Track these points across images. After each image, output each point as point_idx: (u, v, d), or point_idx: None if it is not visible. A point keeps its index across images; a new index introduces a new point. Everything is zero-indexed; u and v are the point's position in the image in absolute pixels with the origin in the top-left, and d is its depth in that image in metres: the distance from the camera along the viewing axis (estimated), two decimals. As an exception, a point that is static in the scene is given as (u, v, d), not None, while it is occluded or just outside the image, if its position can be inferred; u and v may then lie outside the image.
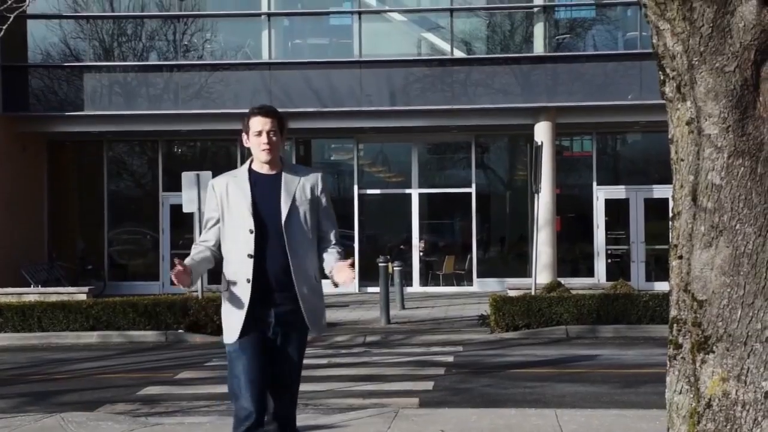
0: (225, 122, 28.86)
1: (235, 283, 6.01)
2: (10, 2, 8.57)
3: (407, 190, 29.71)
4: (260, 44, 29.47)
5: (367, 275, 28.42)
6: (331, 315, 23.93)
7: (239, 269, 6.00)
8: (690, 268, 7.20)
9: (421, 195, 30.95)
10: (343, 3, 29.83)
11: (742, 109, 6.97)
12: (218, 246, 6.23)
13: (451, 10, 28.46)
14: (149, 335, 20.54)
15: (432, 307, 25.52)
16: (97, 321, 21.08)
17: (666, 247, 7.14)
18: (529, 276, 24.01)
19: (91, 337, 20.52)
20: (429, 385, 13.45)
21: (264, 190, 6.11)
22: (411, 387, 13.32)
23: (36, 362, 17.28)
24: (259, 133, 6.06)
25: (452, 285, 30.00)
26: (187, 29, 30.38)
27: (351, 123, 28.90)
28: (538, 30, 29.28)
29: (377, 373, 14.30)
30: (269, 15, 29.38)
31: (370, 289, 27.66)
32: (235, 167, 25.44)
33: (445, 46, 28.82)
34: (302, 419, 10.83)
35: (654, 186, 29.36)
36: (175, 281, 5.92)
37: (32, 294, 24.27)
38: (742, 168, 6.99)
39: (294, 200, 6.08)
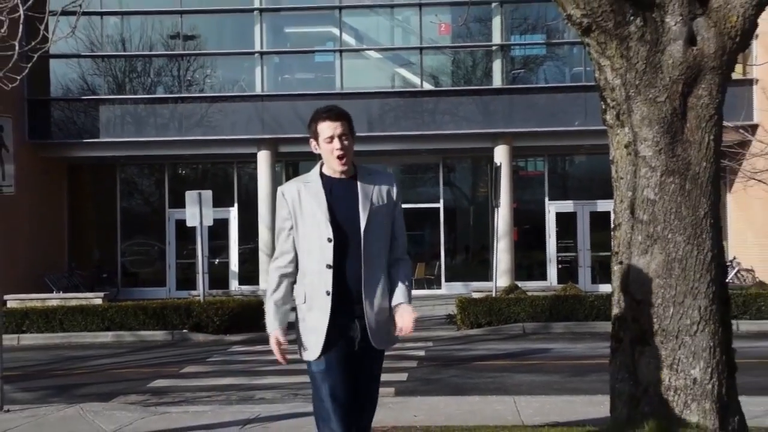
0: (223, 147, 29.14)
1: (312, 296, 5.01)
2: (34, 43, 8.53)
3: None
4: (254, 79, 29.46)
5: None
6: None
7: (317, 281, 4.99)
8: (629, 272, 7.25)
9: (395, 209, 30.04)
10: (326, 42, 29.80)
11: (672, 134, 7.03)
12: (296, 258, 5.19)
13: (421, 48, 28.53)
14: (158, 335, 20.54)
15: (406, 308, 25.23)
16: (111, 322, 21.09)
17: (608, 254, 7.15)
18: (491, 280, 24.06)
19: (106, 336, 20.52)
20: (404, 376, 13.47)
21: (340, 196, 5.08)
22: (387, 378, 13.23)
23: (58, 359, 17.23)
24: (330, 139, 5.02)
25: (423, 288, 29.93)
26: (190, 66, 30.42)
27: (334, 147, 28.94)
28: (497, 65, 29.40)
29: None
30: (261, 53, 29.41)
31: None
32: (232, 186, 25.34)
33: (416, 80, 28.93)
34: (292, 407, 10.86)
35: (598, 201, 29.44)
36: (280, 359, 5.08)
37: (54, 299, 24.24)
38: (673, 185, 7.05)
39: (372, 205, 5.06)
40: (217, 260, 29.61)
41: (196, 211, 23.55)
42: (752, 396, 8.56)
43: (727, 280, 7.75)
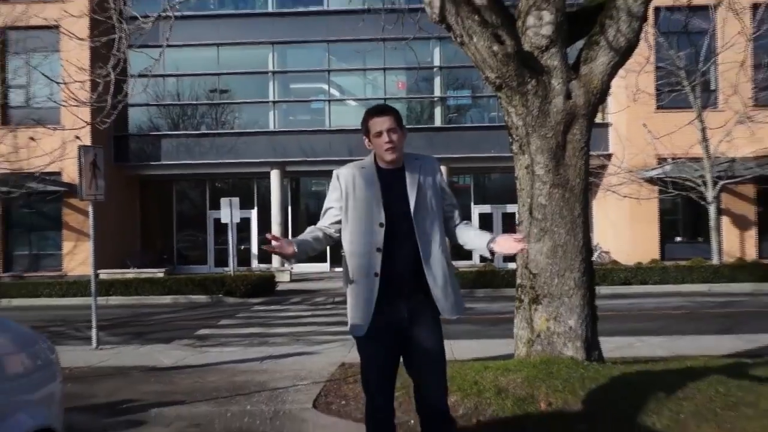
0: (246, 167, 29.15)
1: (361, 277, 4.07)
2: (119, 97, 8.56)
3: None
4: (268, 120, 29.42)
5: (336, 261, 28.53)
6: (314, 285, 24.17)
7: (366, 262, 4.05)
8: (528, 254, 7.36)
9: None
10: (319, 94, 29.73)
11: (557, 160, 7.14)
12: (335, 232, 4.25)
13: (385, 99, 28.49)
14: (201, 298, 20.55)
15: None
16: (169, 289, 21.10)
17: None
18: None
19: (166, 299, 20.53)
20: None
21: (390, 184, 4.16)
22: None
23: (134, 314, 17.19)
24: (380, 134, 4.17)
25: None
26: (223, 110, 30.35)
27: (324, 168, 28.74)
28: (437, 111, 29.47)
29: (341, 321, 14.23)
30: (274, 102, 29.41)
31: (337, 269, 27.69)
32: (253, 195, 25.06)
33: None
34: (294, 349, 10.91)
35: (507, 205, 29.48)
36: (272, 248, 4.00)
37: (131, 273, 24.28)
38: (557, 194, 7.17)
39: (419, 188, 4.13)
40: (242, 246, 29.51)
41: (228, 212, 23.84)
42: (607, 337, 8.67)
43: (592, 259, 7.88)
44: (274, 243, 3.96)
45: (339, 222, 4.18)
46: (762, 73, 23.41)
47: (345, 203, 4.11)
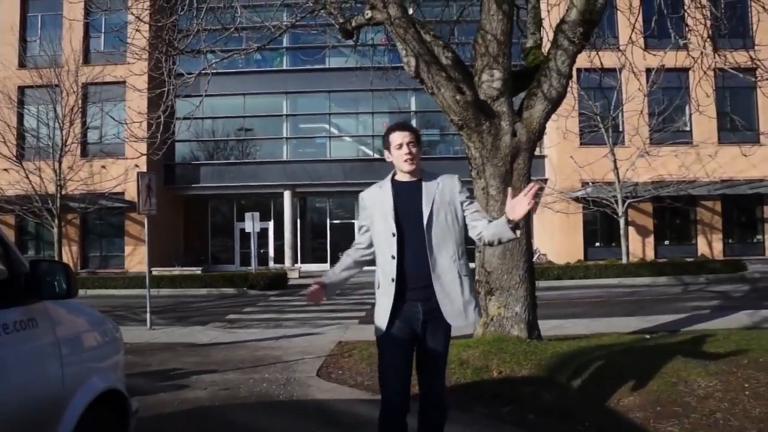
0: (265, 189, 29.01)
1: (382, 283, 3.60)
2: (167, 135, 8.57)
3: (353, 221, 29.50)
4: (282, 152, 29.40)
5: (335, 261, 28.44)
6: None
7: (385, 269, 3.57)
8: (484, 256, 7.35)
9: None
10: (321, 131, 29.72)
11: (506, 183, 7.13)
12: (370, 247, 3.75)
13: (372, 136, 28.59)
14: (230, 291, 20.34)
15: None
16: (205, 283, 20.90)
17: (473, 246, 7.28)
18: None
19: (203, 291, 20.31)
20: (363, 313, 13.33)
21: (406, 196, 3.63)
22: (354, 315, 13.27)
23: (178, 303, 17.06)
24: (400, 146, 3.65)
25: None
26: (247, 145, 30.31)
27: (326, 189, 28.93)
28: (413, 146, 29.52)
29: (338, 308, 14.19)
30: (287, 138, 29.39)
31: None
32: (270, 210, 24.85)
33: (371, 153, 28.95)
34: (303, 330, 10.81)
35: (466, 218, 29.55)
36: (310, 299, 3.71)
37: (176, 270, 24.09)
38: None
39: (434, 203, 3.57)
40: (262, 250, 29.33)
41: (251, 223, 23.76)
42: (544, 320, 8.67)
43: (533, 260, 7.89)
44: (314, 287, 3.63)
45: (370, 237, 3.73)
46: (654, 120, 23.74)
47: (371, 221, 3.68)
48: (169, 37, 8.48)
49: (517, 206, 3.39)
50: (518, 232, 3.47)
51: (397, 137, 3.65)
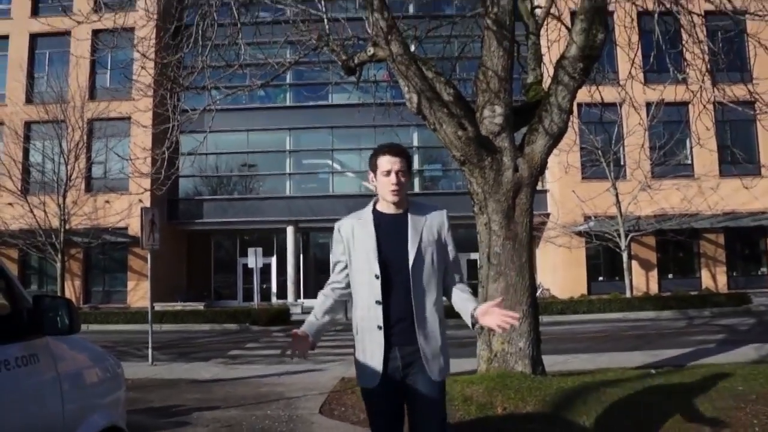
0: (268, 224, 29.05)
1: (365, 330, 3.13)
2: (171, 171, 8.63)
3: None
4: (285, 187, 29.51)
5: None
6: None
7: (369, 315, 3.09)
8: (487, 292, 7.31)
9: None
10: (324, 167, 29.86)
11: (508, 218, 7.14)
12: (345, 286, 3.29)
13: (375, 172, 28.71)
14: (232, 326, 20.23)
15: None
16: (208, 319, 20.83)
17: (476, 281, 7.21)
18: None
19: (205, 327, 20.21)
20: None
21: (390, 232, 3.16)
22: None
23: (180, 339, 16.98)
24: (388, 173, 3.17)
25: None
26: (251, 180, 30.43)
27: (329, 225, 28.57)
28: (416, 180, 29.50)
29: (341, 344, 14.05)
30: (290, 174, 29.54)
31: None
32: (273, 245, 24.71)
33: (372, 187, 28.68)
34: (306, 366, 10.67)
35: (471, 253, 29.23)
36: (295, 352, 3.15)
37: (178, 305, 24.03)
38: (509, 245, 7.15)
39: (421, 241, 3.13)
40: (264, 285, 29.25)
41: (254, 258, 23.76)
42: (548, 355, 8.59)
43: (536, 295, 7.85)
44: (296, 352, 3.14)
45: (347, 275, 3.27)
46: (656, 153, 23.84)
47: (348, 257, 3.21)
48: (174, 73, 8.57)
49: (488, 317, 3.06)
50: (476, 328, 3.22)
51: (386, 162, 3.19)
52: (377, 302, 3.07)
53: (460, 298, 3.24)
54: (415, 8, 24.69)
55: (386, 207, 3.25)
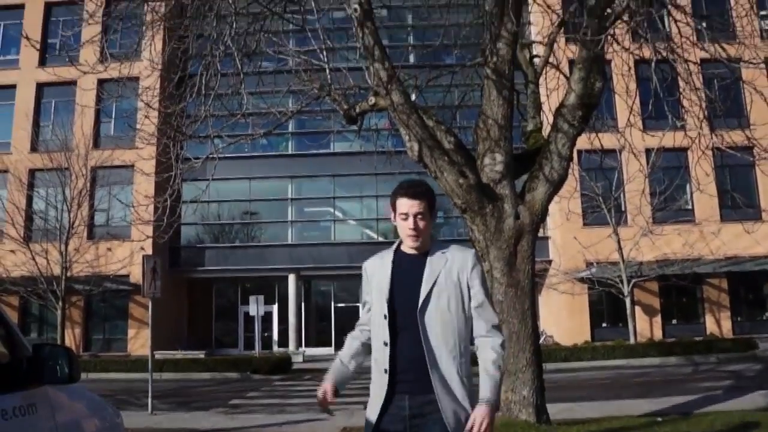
0: (269, 272, 29.00)
1: (375, 371, 2.95)
2: (173, 219, 8.69)
3: (357, 304, 29.31)
4: (287, 235, 29.54)
5: (339, 345, 28.09)
6: (323, 365, 23.67)
7: (378, 357, 2.92)
8: (489, 338, 7.25)
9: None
10: (326, 215, 29.95)
11: (510, 266, 7.14)
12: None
13: (377, 219, 28.73)
14: (233, 375, 20.00)
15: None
16: (208, 367, 20.59)
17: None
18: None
19: (206, 375, 19.96)
20: (369, 398, 13.07)
21: (406, 273, 2.96)
22: (360, 399, 12.96)
23: (181, 387, 16.77)
24: (405, 216, 2.99)
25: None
26: (252, 228, 30.47)
27: (330, 273, 28.80)
28: (417, 227, 29.54)
29: (343, 393, 13.84)
30: (291, 222, 29.63)
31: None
32: (275, 294, 24.57)
33: (374, 236, 29.02)
34: (308, 416, 10.55)
35: (471, 299, 29.21)
36: (323, 408, 3.15)
37: (179, 354, 23.77)
38: (511, 292, 7.12)
39: (435, 284, 2.89)
40: (266, 333, 29.00)
41: (255, 306, 23.62)
42: (553, 403, 8.49)
43: (539, 342, 7.78)
44: (324, 405, 3.06)
45: None
46: (656, 199, 23.93)
47: (370, 296, 3.06)
48: (177, 122, 8.68)
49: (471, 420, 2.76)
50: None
51: (404, 205, 3.01)
52: (385, 343, 2.88)
53: (482, 367, 2.91)
54: (416, 58, 25.07)
55: (408, 248, 3.06)
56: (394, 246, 3.13)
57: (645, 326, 26.44)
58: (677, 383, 13.97)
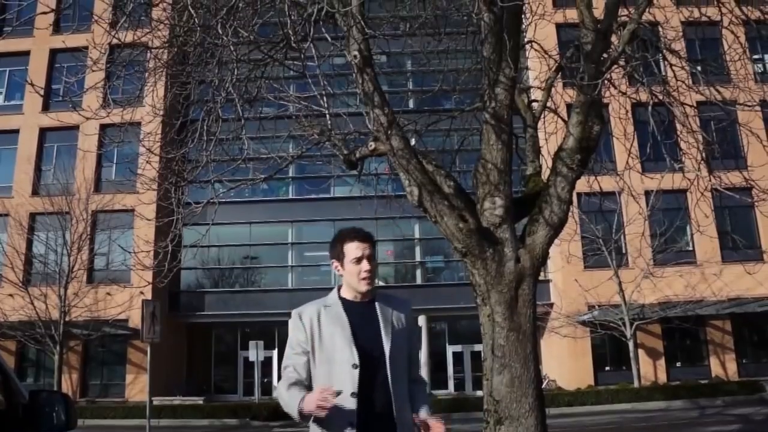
0: (269, 317, 28.52)
1: (332, 426, 2.77)
2: (174, 264, 8.69)
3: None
4: (287, 279, 29.52)
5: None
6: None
7: (339, 411, 2.73)
8: (492, 384, 7.17)
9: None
10: (326, 260, 29.88)
11: (511, 310, 7.09)
12: (309, 381, 2.96)
13: (377, 263, 28.69)
14: (232, 421, 19.88)
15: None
16: (207, 414, 20.49)
17: (480, 374, 7.06)
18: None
19: (204, 422, 19.82)
20: None
21: (361, 321, 2.94)
22: None
23: (177, 435, 16.56)
24: (358, 260, 3.03)
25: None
26: (253, 273, 30.47)
27: (331, 314, 28.69)
28: (418, 272, 29.59)
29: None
30: (292, 266, 29.64)
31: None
32: (274, 338, 24.44)
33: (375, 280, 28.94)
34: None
35: (474, 344, 28.89)
36: (318, 407, 2.73)
37: (177, 400, 23.59)
38: (513, 336, 7.06)
39: (393, 329, 2.91)
40: (266, 379, 28.68)
41: (255, 352, 23.47)
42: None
43: (542, 387, 7.68)
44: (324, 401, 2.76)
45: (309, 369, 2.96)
46: (657, 241, 23.95)
47: (312, 346, 2.95)
48: (178, 167, 8.72)
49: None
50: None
51: (355, 249, 3.06)
52: (353, 394, 2.77)
53: (416, 401, 2.96)
54: (415, 103, 25.34)
55: (353, 295, 3.07)
56: (334, 294, 3.13)
57: (649, 369, 26.19)
58: (684, 427, 13.79)
